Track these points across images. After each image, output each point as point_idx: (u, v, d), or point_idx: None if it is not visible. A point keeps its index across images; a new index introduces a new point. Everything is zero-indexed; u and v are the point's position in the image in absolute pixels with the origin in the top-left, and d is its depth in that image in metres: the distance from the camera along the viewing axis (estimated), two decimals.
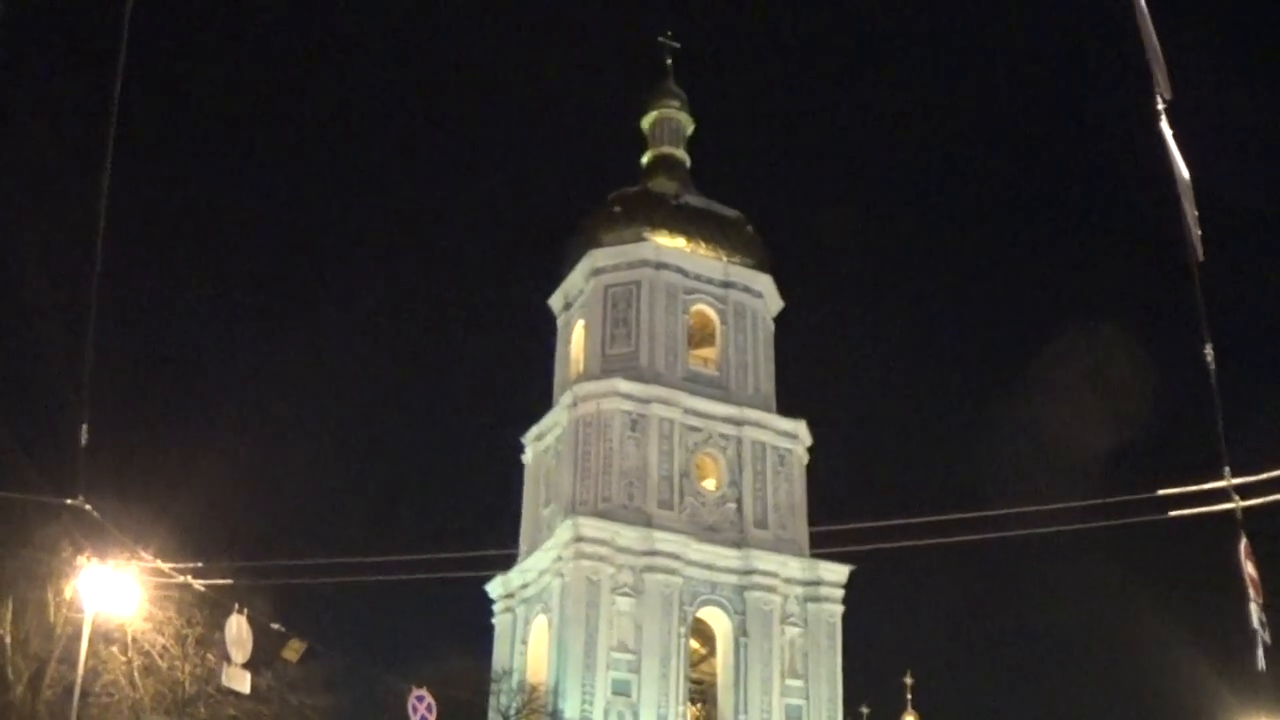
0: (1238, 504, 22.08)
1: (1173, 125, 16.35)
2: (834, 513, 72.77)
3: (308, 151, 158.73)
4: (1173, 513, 26.52)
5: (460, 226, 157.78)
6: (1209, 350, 19.40)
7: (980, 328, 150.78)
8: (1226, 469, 22.18)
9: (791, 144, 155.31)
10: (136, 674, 46.93)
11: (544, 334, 76.28)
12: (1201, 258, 17.24)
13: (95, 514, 31.09)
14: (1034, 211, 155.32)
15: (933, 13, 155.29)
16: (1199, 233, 16.97)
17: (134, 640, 46.21)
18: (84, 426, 27.42)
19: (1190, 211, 16.63)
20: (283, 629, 38.41)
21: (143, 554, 36.69)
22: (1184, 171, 16.42)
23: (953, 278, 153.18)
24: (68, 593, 43.32)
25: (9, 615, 44.92)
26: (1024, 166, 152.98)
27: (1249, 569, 20.82)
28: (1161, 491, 26.56)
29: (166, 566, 37.50)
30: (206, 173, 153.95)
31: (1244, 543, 21.18)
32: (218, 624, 40.50)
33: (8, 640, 44.80)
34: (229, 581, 40.59)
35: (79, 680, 37.50)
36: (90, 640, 37.43)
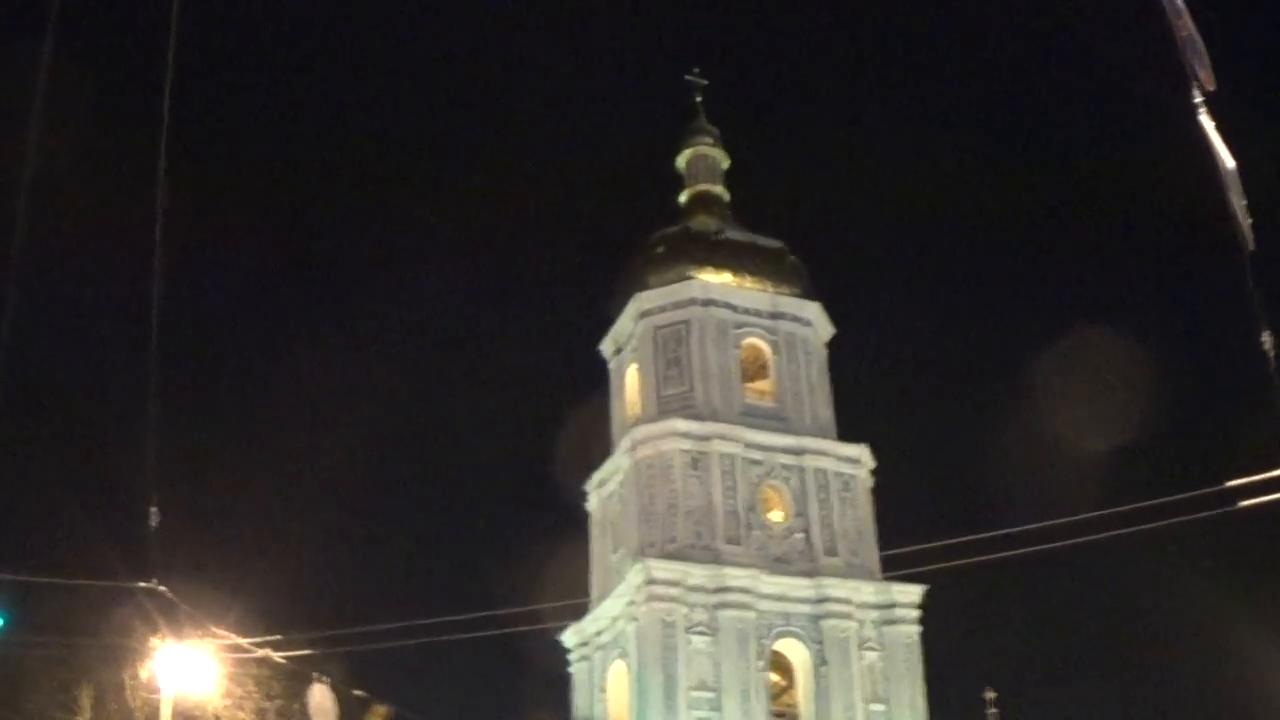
0: None
1: (1215, 116, 16.30)
2: (903, 533, 72.54)
3: (347, 215, 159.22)
4: (1242, 503, 26.38)
5: (503, 279, 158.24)
6: (1267, 337, 19.31)
7: (1031, 330, 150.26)
8: None
9: (829, 168, 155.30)
10: None
11: (597, 380, 76.40)
12: (1253, 246, 17.18)
13: (170, 595, 31.30)
14: (1082, 210, 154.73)
15: (964, 24, 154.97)
16: (1250, 221, 16.90)
17: (215, 717, 46.35)
18: (153, 510, 27.65)
19: (1238, 201, 16.56)
20: (364, 695, 38.51)
21: (218, 630, 36.84)
22: (1229, 162, 16.34)
23: (1001, 283, 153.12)
24: (144, 675, 43.50)
25: (88, 702, 45.15)
26: (1070, 168, 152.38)
27: None
28: (1230, 483, 26.43)
29: (245, 641, 37.62)
30: (260, 240, 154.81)
31: None
32: (296, 695, 40.69)
33: None
34: (309, 652, 40.71)
35: None
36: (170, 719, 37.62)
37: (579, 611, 68.11)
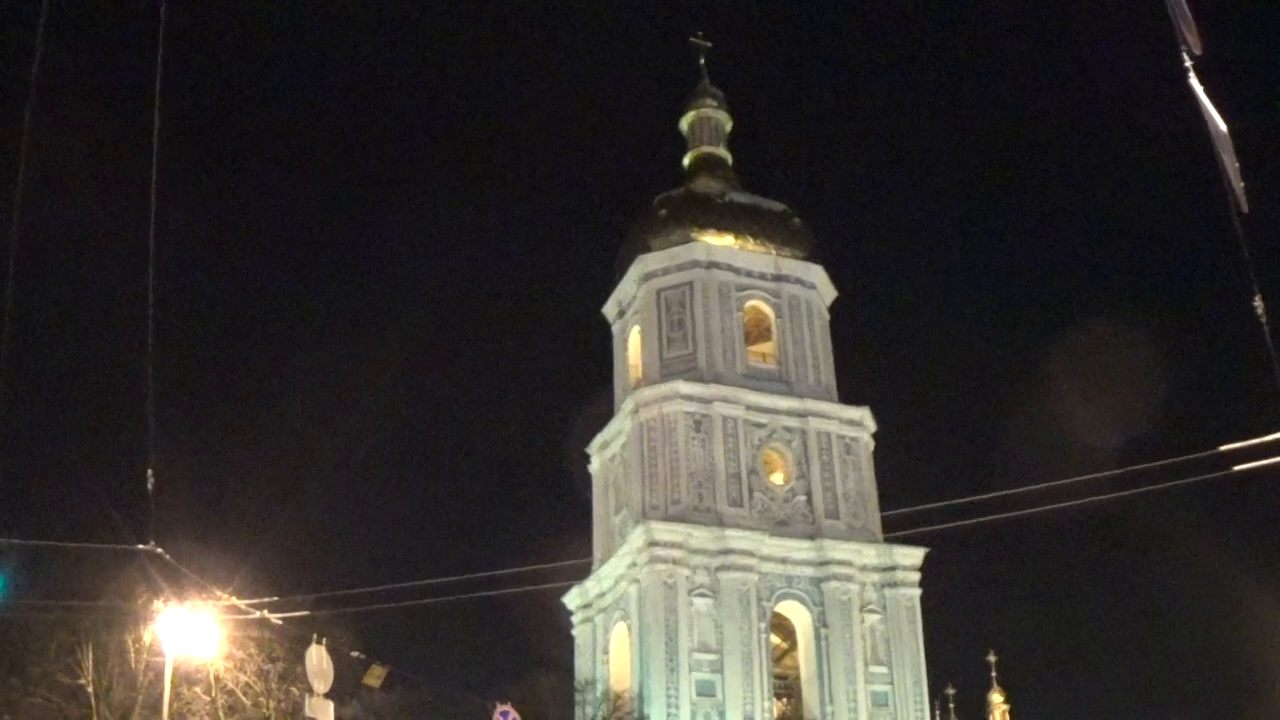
0: None
1: (1204, 80, 16.25)
2: (905, 497, 72.65)
3: (353, 180, 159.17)
4: (1237, 467, 26.36)
5: (508, 241, 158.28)
6: (1259, 302, 19.29)
7: (1033, 298, 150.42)
8: None
9: (832, 132, 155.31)
10: (221, 713, 47.11)
11: (600, 342, 76.41)
12: (1246, 209, 17.12)
13: (167, 557, 31.28)
14: (1081, 178, 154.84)
15: None
16: (1242, 184, 16.84)
17: (217, 679, 46.38)
18: (149, 472, 27.67)
19: (1231, 164, 16.50)
20: (362, 656, 38.47)
21: (218, 592, 36.84)
22: (1221, 124, 16.29)
23: (1004, 249, 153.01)
24: (147, 638, 43.54)
25: (90, 665, 45.12)
26: (1069, 137, 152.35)
27: None
28: (1224, 447, 26.40)
29: (242, 603, 37.61)
30: (255, 204, 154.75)
31: None
32: (299, 657, 40.57)
33: (90, 690, 44.99)
34: (306, 613, 40.68)
35: None
36: (173, 683, 37.65)
37: (582, 573, 68.16)
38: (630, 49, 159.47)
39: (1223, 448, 26.46)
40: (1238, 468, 26.41)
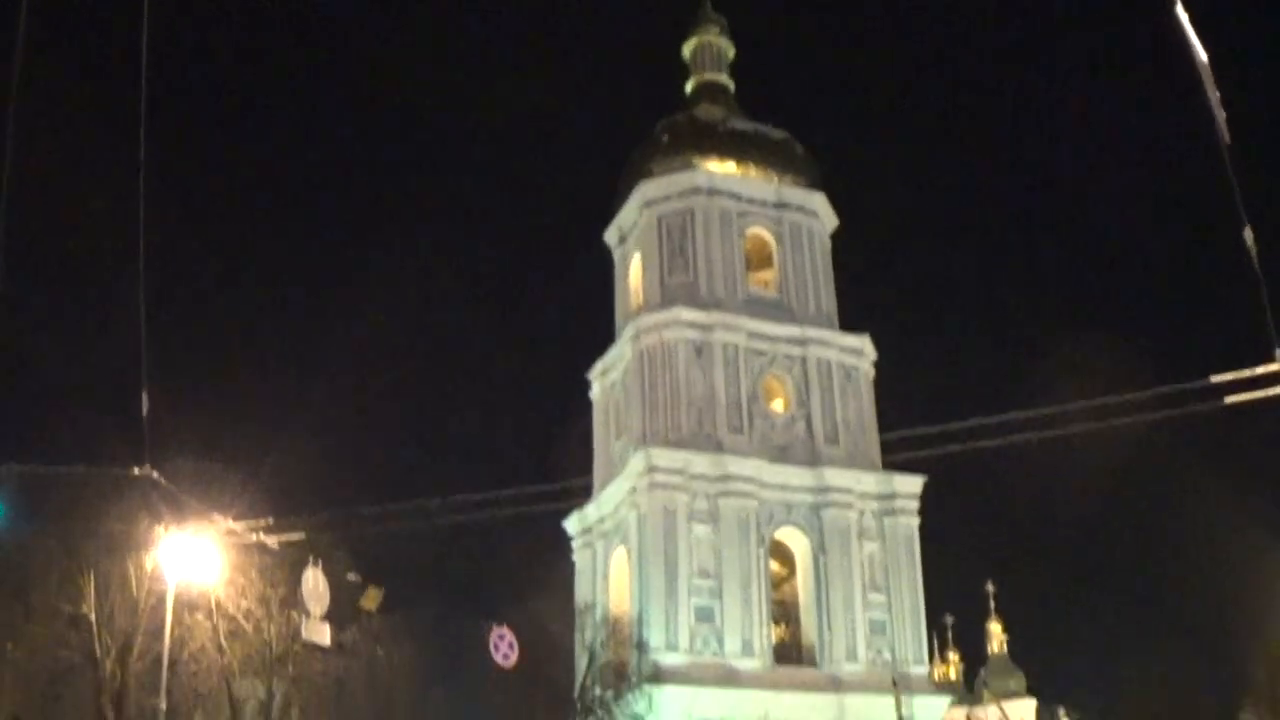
0: None
1: (1190, 10, 16.28)
2: (904, 425, 72.69)
3: (360, 100, 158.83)
4: (1229, 399, 26.47)
5: (510, 168, 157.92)
6: (1249, 233, 19.34)
7: (1034, 226, 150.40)
8: (1278, 350, 22.11)
9: (835, 60, 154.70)
10: (223, 638, 47.41)
11: (602, 269, 76.25)
12: (1228, 139, 17.18)
13: (164, 481, 31.33)
14: (1076, 110, 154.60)
15: None
16: (1224, 115, 16.89)
17: (218, 605, 46.59)
18: (144, 395, 27.66)
19: (1213, 93, 16.54)
20: (359, 579, 38.67)
21: (216, 517, 36.95)
22: (1202, 54, 16.33)
23: (1002, 177, 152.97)
24: (148, 564, 43.68)
25: (92, 592, 45.32)
26: (1065, 69, 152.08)
27: None
28: (1215, 378, 26.50)
29: (238, 526, 37.73)
30: (251, 127, 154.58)
31: None
32: (300, 582, 40.73)
33: (93, 617, 45.24)
34: (301, 536, 40.79)
35: (166, 649, 37.94)
36: (175, 609, 37.88)
37: (582, 498, 68.14)
38: None
39: (1214, 379, 26.57)
40: (1229, 399, 26.54)
